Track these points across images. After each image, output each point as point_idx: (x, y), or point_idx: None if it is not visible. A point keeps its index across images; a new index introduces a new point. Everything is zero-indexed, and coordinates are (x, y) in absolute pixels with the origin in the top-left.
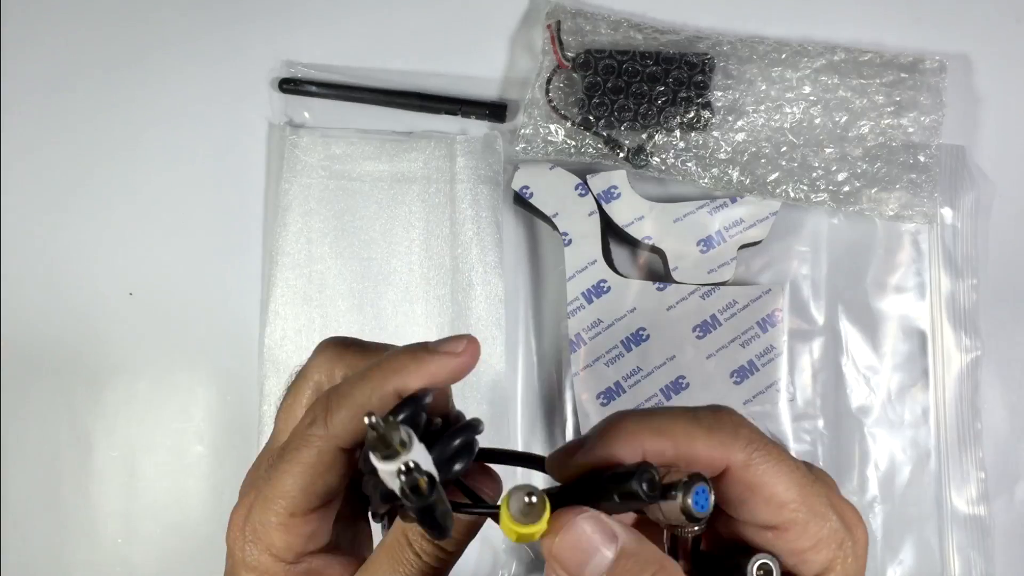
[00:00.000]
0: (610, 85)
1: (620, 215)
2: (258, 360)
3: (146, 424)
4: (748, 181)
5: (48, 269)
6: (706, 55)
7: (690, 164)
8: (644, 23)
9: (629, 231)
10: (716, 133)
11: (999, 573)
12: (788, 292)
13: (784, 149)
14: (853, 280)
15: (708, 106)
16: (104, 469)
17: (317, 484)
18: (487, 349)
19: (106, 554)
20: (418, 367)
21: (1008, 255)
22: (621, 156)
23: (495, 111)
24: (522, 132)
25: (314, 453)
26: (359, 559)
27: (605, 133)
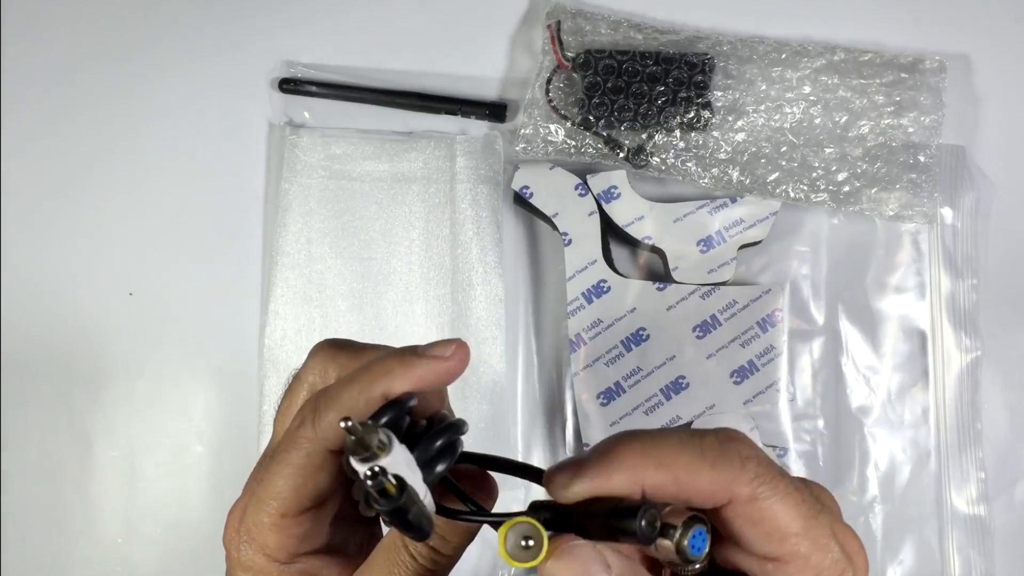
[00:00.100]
0: (610, 85)
1: (620, 215)
2: (258, 360)
3: (146, 424)
4: (748, 181)
5: (48, 269)
6: (706, 55)
7: (690, 164)
8: (644, 23)
9: (629, 231)
10: (716, 133)
11: (999, 573)
12: (788, 292)
13: (784, 149)
14: (853, 280)
15: (708, 106)
16: (104, 469)
17: (307, 486)
18: (487, 349)
19: (106, 554)
20: (405, 371)
21: (1008, 255)
22: (621, 156)
23: (495, 111)
24: (522, 132)
25: (303, 455)
26: (363, 562)
27: (605, 133)
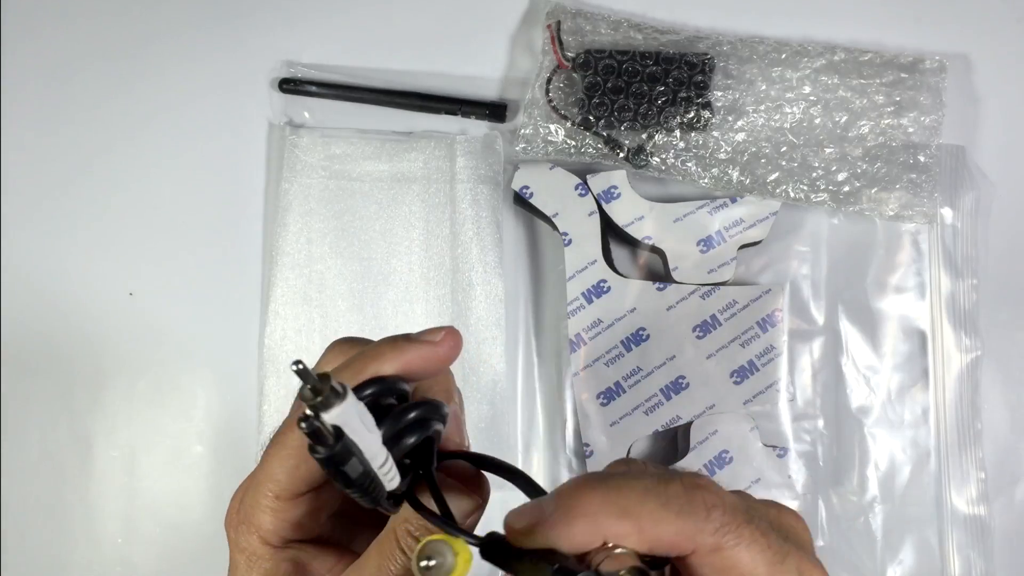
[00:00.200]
0: (610, 85)
1: (620, 215)
2: (258, 360)
3: (146, 424)
4: (748, 181)
5: (48, 269)
6: (706, 55)
7: (690, 164)
8: (644, 23)
9: (629, 231)
10: (716, 133)
11: (999, 573)
12: (788, 292)
13: (784, 149)
14: (853, 280)
15: (708, 106)
16: (104, 469)
17: (301, 468)
18: (487, 349)
19: (106, 554)
20: (395, 355)
21: (1008, 255)
22: (621, 156)
23: (495, 111)
24: (522, 132)
25: (298, 436)
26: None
27: (605, 133)
